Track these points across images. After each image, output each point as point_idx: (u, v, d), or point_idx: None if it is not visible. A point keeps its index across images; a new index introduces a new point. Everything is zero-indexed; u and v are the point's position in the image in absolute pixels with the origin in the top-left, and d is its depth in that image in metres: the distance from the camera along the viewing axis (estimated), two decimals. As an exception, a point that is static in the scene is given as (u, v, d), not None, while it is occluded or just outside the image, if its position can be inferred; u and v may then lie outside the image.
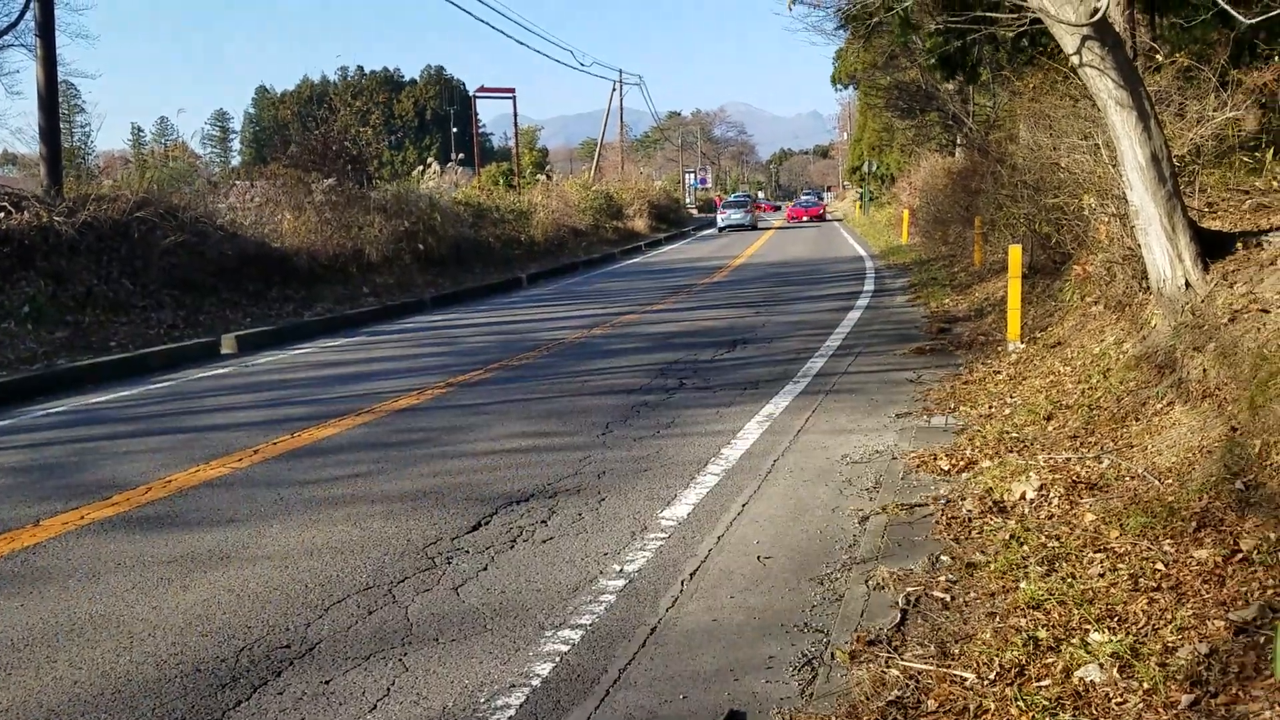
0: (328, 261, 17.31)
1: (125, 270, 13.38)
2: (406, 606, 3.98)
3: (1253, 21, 5.95)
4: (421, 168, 27.81)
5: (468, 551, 4.60)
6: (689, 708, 3.14)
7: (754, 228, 46.83)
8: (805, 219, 53.18)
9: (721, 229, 45.56)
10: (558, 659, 3.48)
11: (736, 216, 46.00)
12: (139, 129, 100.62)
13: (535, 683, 3.32)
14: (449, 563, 4.46)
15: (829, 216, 57.78)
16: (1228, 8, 5.35)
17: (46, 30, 14.47)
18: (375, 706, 3.21)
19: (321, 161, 19.78)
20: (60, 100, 15.96)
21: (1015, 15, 7.26)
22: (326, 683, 3.37)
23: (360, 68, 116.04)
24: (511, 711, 3.14)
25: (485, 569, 4.38)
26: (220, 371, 10.62)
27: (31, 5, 14.54)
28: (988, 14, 8.52)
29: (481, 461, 6.24)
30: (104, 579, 4.40)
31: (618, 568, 4.34)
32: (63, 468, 6.49)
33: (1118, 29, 7.13)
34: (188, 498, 5.63)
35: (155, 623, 3.91)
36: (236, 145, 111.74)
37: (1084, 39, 5.83)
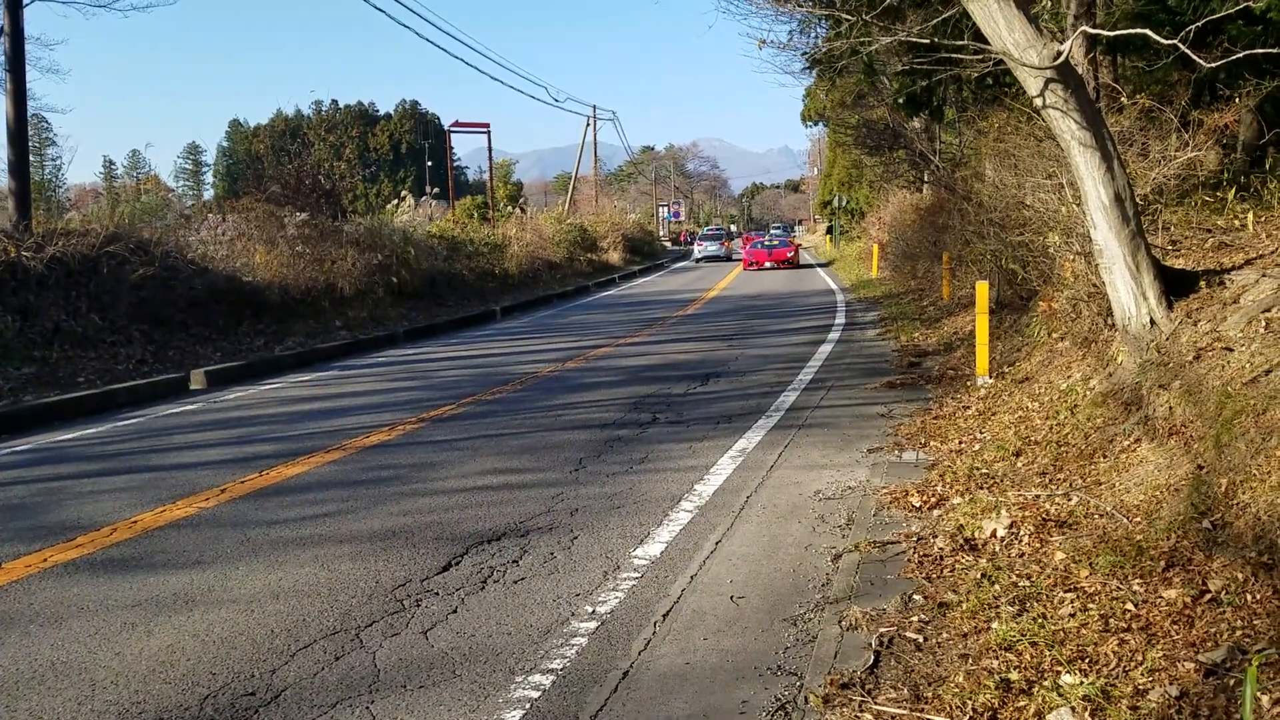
0: (300, 295, 17.22)
1: (94, 305, 13.23)
2: (374, 651, 3.93)
3: (1213, 65, 6.08)
4: (396, 201, 27.83)
5: (437, 593, 4.56)
6: (661, 754, 3.11)
7: (729, 259, 48.44)
8: (769, 264, 37.79)
9: (698, 260, 47.90)
10: (528, 705, 3.44)
11: (712, 248, 49.03)
12: (111, 162, 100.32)
13: (505, 730, 3.28)
14: (418, 605, 4.41)
15: (804, 258, 44.54)
16: (1189, 52, 5.47)
17: (16, 66, 14.38)
18: (342, 756, 3.15)
19: (295, 195, 19.73)
20: (30, 134, 15.83)
21: (979, 57, 7.39)
22: (293, 731, 3.31)
23: (335, 101, 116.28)
24: (481, 760, 3.10)
25: (455, 611, 4.33)
26: (189, 408, 10.50)
27: (1, 41, 14.45)
28: (953, 55, 8.67)
29: (452, 499, 6.20)
30: (66, 624, 4.32)
31: (590, 609, 4.31)
32: (27, 508, 6.38)
33: (1080, 71, 7.28)
34: (153, 539, 5.54)
35: (118, 669, 3.84)
36: (209, 178, 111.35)
37: (1047, 81, 5.93)
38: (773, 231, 66.86)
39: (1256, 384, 4.67)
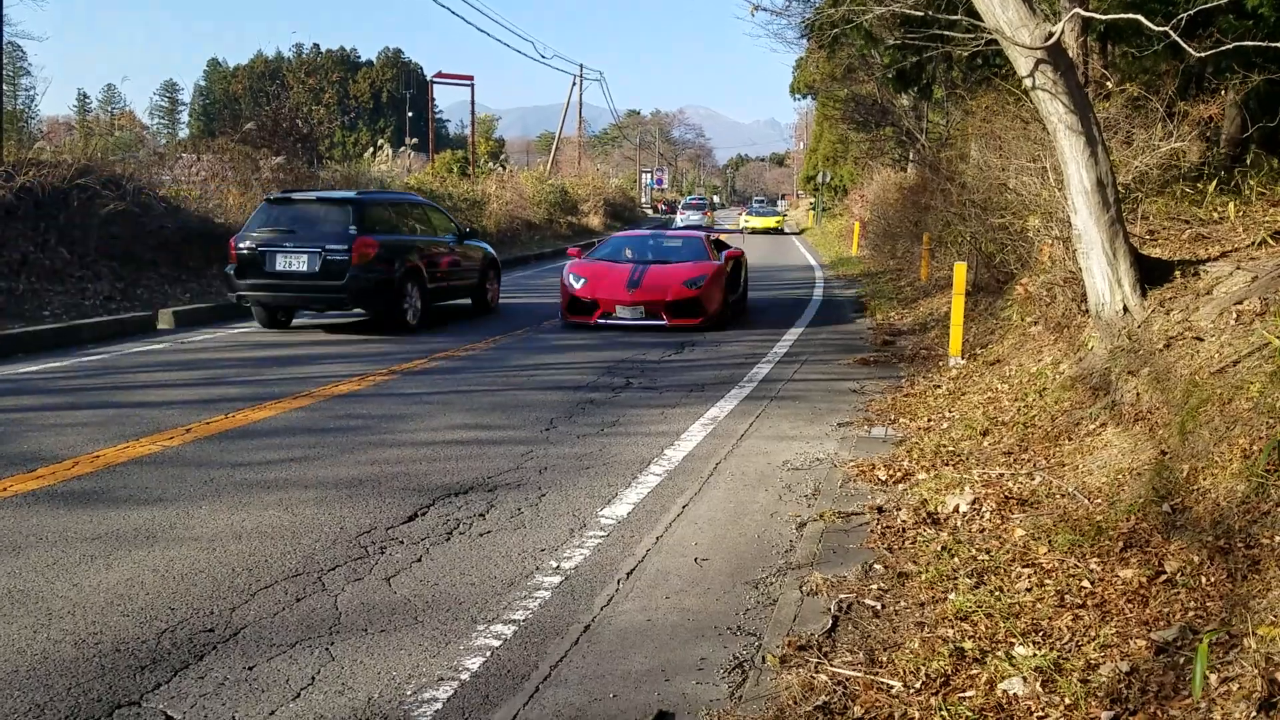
0: (274, 241, 17.00)
1: (63, 239, 13.02)
2: (336, 595, 3.92)
3: (1203, 55, 6.08)
4: (373, 150, 27.49)
5: (402, 542, 4.55)
6: (618, 707, 3.13)
7: (710, 230, 48.43)
8: (627, 317, 11.95)
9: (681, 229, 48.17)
10: (489, 653, 3.45)
11: (694, 218, 49.59)
12: (85, 95, 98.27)
13: (464, 676, 3.29)
14: (382, 552, 4.41)
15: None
16: (1179, 40, 5.47)
17: (-8, -12, 14.02)
18: (299, 695, 3.15)
19: (271, 138, 19.44)
20: (5, 62, 15.48)
21: (971, 35, 7.37)
22: (250, 669, 3.30)
23: (316, 45, 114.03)
24: (439, 705, 3.11)
25: (419, 560, 4.33)
26: (155, 347, 10.38)
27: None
28: (944, 32, 8.64)
29: (421, 451, 6.18)
30: (24, 553, 4.28)
31: (555, 564, 4.32)
32: (-14, 438, 6.29)
33: (1071, 55, 7.28)
34: (115, 474, 5.49)
35: (76, 600, 3.81)
36: (185, 118, 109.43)
37: (1038, 63, 5.92)
38: (754, 205, 62.45)
39: (1224, 374, 4.72)
